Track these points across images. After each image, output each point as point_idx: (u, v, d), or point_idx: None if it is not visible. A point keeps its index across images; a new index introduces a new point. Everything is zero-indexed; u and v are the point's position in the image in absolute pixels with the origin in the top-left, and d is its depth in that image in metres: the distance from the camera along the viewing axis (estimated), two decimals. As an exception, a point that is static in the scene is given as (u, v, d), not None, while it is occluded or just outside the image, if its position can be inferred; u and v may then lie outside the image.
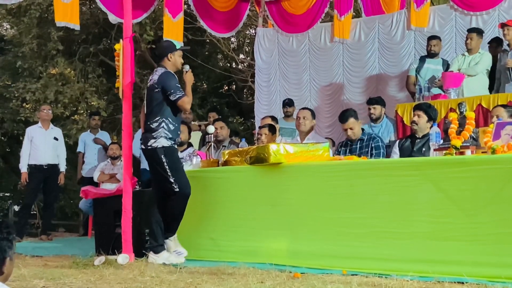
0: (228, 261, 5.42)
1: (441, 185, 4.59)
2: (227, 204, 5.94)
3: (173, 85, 5.78)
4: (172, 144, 5.82)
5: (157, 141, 5.75)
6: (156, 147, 5.74)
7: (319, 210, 5.27)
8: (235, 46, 16.72)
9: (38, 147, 9.18)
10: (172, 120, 5.81)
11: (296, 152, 5.54)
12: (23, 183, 9.31)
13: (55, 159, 9.31)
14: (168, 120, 5.77)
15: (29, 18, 14.04)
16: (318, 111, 9.25)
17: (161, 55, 6.02)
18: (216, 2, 9.62)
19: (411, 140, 6.50)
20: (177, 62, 5.98)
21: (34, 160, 9.17)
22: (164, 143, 5.75)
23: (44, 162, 9.18)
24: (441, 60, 8.46)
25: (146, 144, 5.80)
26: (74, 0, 7.79)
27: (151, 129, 5.77)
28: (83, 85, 14.55)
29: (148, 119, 5.85)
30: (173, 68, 5.96)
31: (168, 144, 5.76)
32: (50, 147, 9.26)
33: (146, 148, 5.82)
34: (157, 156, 5.75)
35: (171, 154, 5.79)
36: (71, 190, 15.56)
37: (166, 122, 5.76)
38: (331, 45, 10.02)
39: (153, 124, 5.77)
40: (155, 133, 5.75)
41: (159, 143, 5.74)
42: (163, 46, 6.14)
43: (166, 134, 5.75)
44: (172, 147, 5.81)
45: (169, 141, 5.78)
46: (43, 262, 6.19)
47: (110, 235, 6.62)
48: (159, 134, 5.74)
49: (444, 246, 4.54)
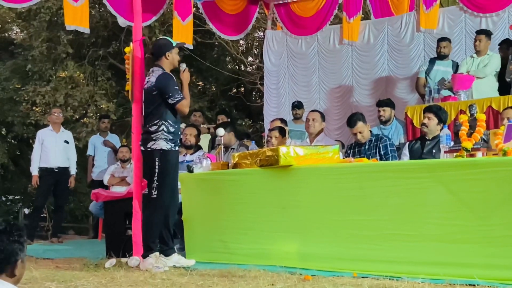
0: (239, 263, 5.42)
1: (452, 187, 4.57)
2: (237, 206, 5.94)
3: (171, 88, 5.72)
4: (173, 147, 5.75)
5: (156, 143, 5.70)
6: (154, 149, 5.70)
7: (330, 213, 5.26)
8: (244, 49, 16.75)
9: (49, 150, 9.22)
10: (172, 122, 5.75)
11: (306, 154, 5.53)
12: (34, 185, 9.35)
13: (66, 162, 9.34)
14: (168, 123, 5.72)
15: (39, 22, 14.13)
16: (327, 113, 9.23)
17: (159, 54, 5.92)
18: (225, 4, 9.63)
19: (421, 142, 6.49)
20: (175, 60, 5.93)
21: (45, 163, 9.20)
22: (163, 145, 5.69)
23: (55, 165, 9.21)
24: (451, 62, 8.44)
25: (146, 146, 5.78)
26: (84, 3, 7.81)
27: (150, 131, 5.73)
28: (92, 88, 14.61)
29: (147, 122, 5.82)
30: (170, 66, 5.90)
31: (167, 147, 5.70)
32: (61, 150, 9.29)
33: (145, 150, 5.81)
34: (152, 159, 5.70)
35: (167, 159, 5.70)
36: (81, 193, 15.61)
37: (166, 125, 5.71)
38: (340, 47, 10.01)
39: (152, 127, 5.73)
40: (155, 135, 5.70)
41: (157, 146, 5.70)
42: (160, 44, 6.04)
43: (166, 136, 5.70)
44: (171, 150, 5.73)
45: (169, 144, 5.72)
46: (54, 264, 6.23)
47: (120, 237, 6.64)
48: (158, 136, 5.69)
49: (455, 249, 4.53)
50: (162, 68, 5.85)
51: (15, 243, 2.63)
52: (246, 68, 16.75)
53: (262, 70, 12.16)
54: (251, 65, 16.46)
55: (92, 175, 10.17)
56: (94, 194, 7.35)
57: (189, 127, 7.92)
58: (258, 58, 15.21)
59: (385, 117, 7.88)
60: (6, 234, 2.63)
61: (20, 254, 2.64)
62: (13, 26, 17.38)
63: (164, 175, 5.68)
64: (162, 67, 5.86)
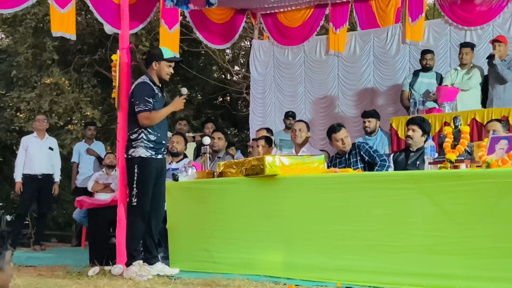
0: (223, 272, 5.42)
1: (435, 199, 4.60)
2: (222, 215, 5.93)
3: (139, 96, 5.66)
4: (153, 154, 5.68)
5: (135, 151, 5.68)
6: (134, 157, 5.68)
7: (314, 223, 5.27)
8: (230, 58, 16.78)
9: (32, 157, 9.17)
10: (152, 130, 5.69)
11: (292, 164, 5.54)
12: (17, 192, 9.30)
13: (50, 169, 9.28)
14: (147, 131, 5.67)
15: (25, 28, 14.07)
16: (312, 123, 9.28)
17: (148, 62, 5.95)
18: (213, 14, 9.65)
19: (405, 153, 6.52)
20: (162, 72, 5.81)
21: (29, 170, 9.15)
22: (142, 153, 5.65)
23: (39, 171, 9.16)
24: (435, 73, 8.51)
25: (127, 153, 5.78)
26: (70, 10, 7.78)
27: (131, 139, 5.72)
28: (78, 95, 14.56)
29: (128, 129, 5.81)
30: (156, 77, 5.82)
31: (146, 155, 5.65)
32: (45, 157, 9.24)
33: (126, 157, 5.81)
34: (132, 166, 5.69)
35: (145, 167, 5.66)
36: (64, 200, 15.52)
37: (145, 133, 5.66)
38: (326, 58, 10.06)
39: (133, 134, 5.72)
40: (135, 142, 5.68)
41: (137, 153, 5.67)
42: (151, 53, 6.11)
43: (146, 144, 5.65)
44: (150, 158, 5.67)
45: (149, 151, 5.66)
46: (36, 272, 6.18)
47: (104, 245, 6.61)
48: (138, 144, 5.66)
49: (438, 260, 4.54)
50: (149, 76, 5.82)
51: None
52: (232, 77, 16.76)
53: (248, 80, 12.19)
54: (237, 74, 16.48)
55: (76, 182, 10.12)
56: (79, 202, 7.32)
57: (176, 135, 7.92)
58: (245, 68, 15.24)
59: (370, 128, 7.93)
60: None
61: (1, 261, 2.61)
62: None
63: (143, 183, 5.65)
64: (149, 76, 5.83)
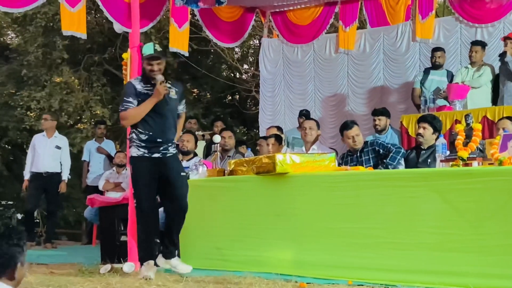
0: (234, 270, 5.42)
1: (447, 196, 4.59)
2: (233, 213, 5.94)
3: (122, 96, 5.62)
4: (145, 153, 5.53)
5: (130, 151, 5.65)
6: (129, 157, 5.68)
7: (325, 220, 5.27)
8: (239, 56, 16.79)
9: (38, 155, 9.22)
10: (142, 129, 5.53)
11: (302, 162, 5.55)
12: (24, 190, 9.37)
13: (56, 167, 9.26)
14: (138, 131, 5.54)
15: (35, 27, 14.13)
16: (322, 121, 9.27)
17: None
18: (222, 12, 9.66)
19: (416, 151, 6.52)
20: (145, 70, 5.58)
21: (35, 168, 9.21)
22: (134, 152, 5.58)
23: (44, 170, 9.19)
24: (445, 71, 8.49)
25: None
26: (81, 9, 7.83)
27: (129, 139, 5.72)
28: (87, 94, 14.61)
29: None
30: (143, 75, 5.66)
31: (137, 154, 5.55)
32: (50, 155, 9.24)
33: None
34: (130, 166, 5.70)
35: (137, 165, 5.58)
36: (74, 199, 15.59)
37: (136, 133, 5.56)
38: (336, 56, 10.05)
39: (130, 134, 5.69)
40: (130, 143, 5.66)
41: (131, 153, 5.64)
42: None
43: (138, 144, 5.55)
44: (142, 157, 5.54)
45: (140, 150, 5.54)
46: (48, 270, 6.20)
47: (115, 243, 6.63)
48: (132, 144, 5.61)
49: (449, 257, 4.54)
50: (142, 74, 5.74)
51: (14, 246, 2.65)
52: (241, 75, 16.78)
53: (258, 78, 12.19)
54: (247, 73, 16.50)
55: (87, 180, 10.15)
56: (90, 200, 7.34)
57: (187, 133, 7.92)
58: (254, 66, 15.24)
59: (380, 126, 7.90)
60: (5, 238, 2.64)
61: (20, 258, 2.65)
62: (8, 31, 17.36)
63: (137, 182, 5.60)
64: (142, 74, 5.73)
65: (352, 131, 6.61)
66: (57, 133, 9.61)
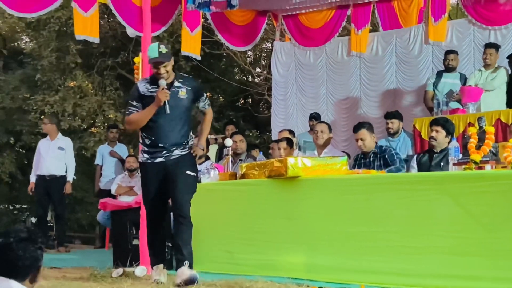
0: (245, 274, 5.41)
1: (460, 200, 4.57)
2: (244, 217, 5.94)
3: (127, 100, 5.54)
4: (148, 158, 5.39)
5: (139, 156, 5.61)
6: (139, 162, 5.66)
7: (337, 224, 5.25)
8: (252, 60, 16.80)
9: (42, 158, 9.31)
10: (146, 134, 5.42)
11: (314, 165, 5.53)
12: (29, 193, 9.53)
13: (59, 170, 9.29)
14: (143, 135, 5.45)
15: (48, 32, 14.22)
16: (334, 125, 9.24)
17: None
18: (234, 16, 9.67)
19: (429, 154, 6.47)
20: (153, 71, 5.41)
21: (39, 171, 9.30)
22: (140, 157, 5.54)
23: (47, 172, 9.24)
24: (459, 74, 8.44)
25: None
26: (94, 13, 7.85)
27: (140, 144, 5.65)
28: (100, 98, 14.68)
29: None
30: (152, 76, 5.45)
31: (141, 160, 5.48)
32: (52, 158, 9.28)
33: None
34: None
35: (142, 171, 5.57)
36: (87, 203, 15.65)
37: (142, 137, 5.48)
38: (348, 59, 10.03)
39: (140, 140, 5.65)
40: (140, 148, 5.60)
41: (139, 158, 5.61)
42: None
43: (143, 148, 5.46)
44: (146, 163, 5.42)
45: (144, 156, 5.42)
46: (61, 274, 6.21)
47: (127, 247, 6.64)
48: (141, 148, 5.52)
49: (462, 261, 4.51)
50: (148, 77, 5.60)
51: (39, 250, 2.68)
52: (254, 79, 16.78)
53: (270, 81, 12.19)
54: (259, 76, 16.50)
55: (99, 184, 10.18)
56: (102, 204, 7.36)
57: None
58: (266, 69, 15.25)
59: (393, 129, 7.87)
60: (31, 241, 2.66)
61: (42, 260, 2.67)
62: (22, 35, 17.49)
63: (143, 187, 5.55)
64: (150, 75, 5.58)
65: (357, 134, 6.63)
66: (60, 135, 9.64)
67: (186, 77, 5.61)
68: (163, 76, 5.28)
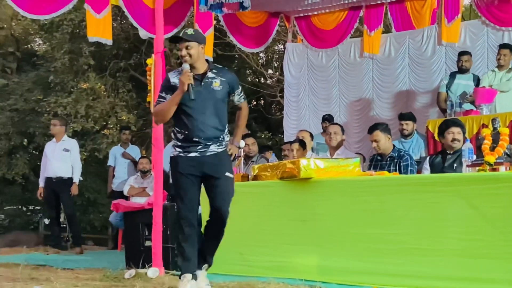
0: (257, 276, 5.40)
1: (473, 202, 4.54)
2: (256, 218, 5.93)
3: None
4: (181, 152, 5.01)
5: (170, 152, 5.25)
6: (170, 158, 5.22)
7: (350, 226, 5.24)
8: (264, 61, 16.79)
9: (48, 160, 9.35)
10: (179, 128, 5.00)
11: (327, 167, 5.52)
12: (38, 197, 9.55)
13: (66, 171, 9.29)
14: (176, 129, 5.07)
15: (61, 34, 14.29)
16: (347, 126, 9.21)
17: None
18: (246, 17, 9.66)
19: (442, 156, 6.44)
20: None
21: (46, 173, 9.35)
22: (171, 152, 5.14)
23: (53, 174, 9.27)
24: (472, 75, 8.39)
25: None
26: (106, 15, 7.87)
27: None
28: (113, 100, 14.73)
29: None
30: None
31: (173, 154, 5.08)
32: (58, 159, 9.30)
33: None
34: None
35: (172, 166, 5.09)
36: (100, 204, 15.70)
37: (174, 132, 5.10)
38: (360, 60, 10.00)
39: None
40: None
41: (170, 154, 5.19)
42: None
43: (175, 143, 5.09)
44: (177, 157, 5.03)
45: (177, 150, 5.04)
46: (74, 275, 6.23)
47: (140, 248, 6.65)
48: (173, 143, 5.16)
49: (476, 264, 4.49)
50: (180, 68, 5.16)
51: None
52: (266, 80, 16.77)
53: (282, 83, 12.18)
54: (271, 78, 16.49)
55: (112, 186, 10.22)
56: (115, 205, 7.38)
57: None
58: (278, 71, 15.24)
59: (408, 131, 7.85)
60: None
61: None
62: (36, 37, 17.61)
63: (174, 184, 5.14)
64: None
65: (372, 135, 6.62)
66: (66, 137, 9.66)
67: (220, 68, 5.16)
68: (186, 59, 4.92)
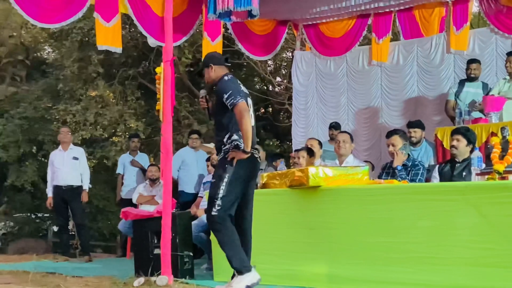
0: (267, 284, 5.40)
1: (483, 210, 4.53)
2: (265, 226, 5.91)
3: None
4: None
5: None
6: None
7: (358, 234, 5.23)
8: (272, 69, 16.82)
9: (57, 169, 9.39)
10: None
11: (335, 175, 5.51)
12: (48, 207, 9.57)
13: (76, 180, 9.38)
14: None
15: (71, 42, 14.38)
16: (355, 134, 9.20)
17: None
18: (254, 25, 9.69)
19: (451, 164, 6.43)
20: None
21: (56, 181, 9.39)
22: None
23: (64, 183, 9.32)
24: (481, 83, 8.37)
25: None
26: (116, 23, 7.91)
27: None
28: (122, 108, 14.78)
29: None
30: None
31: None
32: (68, 168, 9.37)
33: None
34: None
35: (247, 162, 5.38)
36: (109, 212, 15.73)
37: None
38: (369, 68, 10.00)
39: None
40: None
41: None
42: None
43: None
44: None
45: None
46: (83, 282, 6.24)
47: (149, 256, 6.65)
48: None
49: (486, 272, 4.47)
50: None
51: None
52: (274, 88, 16.80)
53: (290, 91, 12.19)
54: (279, 86, 16.51)
55: (121, 193, 10.23)
56: (124, 213, 7.38)
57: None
58: (287, 79, 15.26)
59: (416, 138, 7.84)
60: None
61: None
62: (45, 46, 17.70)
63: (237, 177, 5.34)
64: None
65: (390, 139, 6.66)
66: (72, 145, 9.74)
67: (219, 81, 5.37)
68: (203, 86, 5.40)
